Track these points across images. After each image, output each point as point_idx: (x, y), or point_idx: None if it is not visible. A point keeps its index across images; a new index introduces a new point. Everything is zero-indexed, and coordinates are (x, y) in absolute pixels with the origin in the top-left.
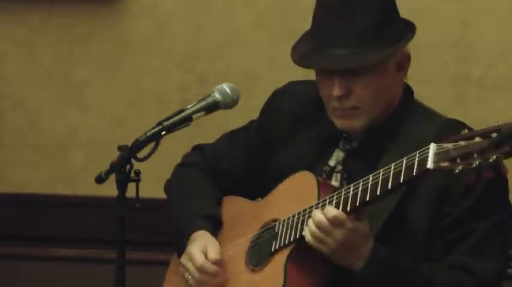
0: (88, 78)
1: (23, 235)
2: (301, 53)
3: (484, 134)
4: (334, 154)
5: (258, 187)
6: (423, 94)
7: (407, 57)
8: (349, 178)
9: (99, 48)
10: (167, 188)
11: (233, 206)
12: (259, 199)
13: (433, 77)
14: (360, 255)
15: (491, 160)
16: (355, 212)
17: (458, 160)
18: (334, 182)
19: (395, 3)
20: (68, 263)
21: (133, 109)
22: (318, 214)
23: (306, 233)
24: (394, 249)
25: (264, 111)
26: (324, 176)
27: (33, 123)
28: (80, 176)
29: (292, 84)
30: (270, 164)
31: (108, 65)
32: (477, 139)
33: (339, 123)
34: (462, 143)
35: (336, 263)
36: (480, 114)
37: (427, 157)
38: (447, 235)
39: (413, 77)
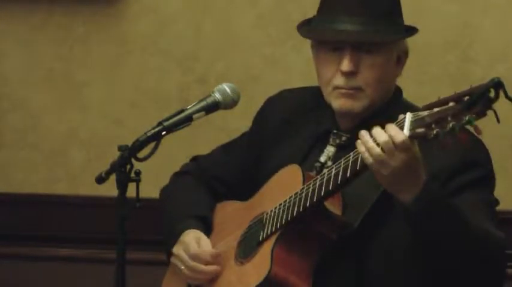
0: (88, 78)
1: (23, 235)
2: (309, 28)
3: (457, 98)
4: (325, 150)
5: (250, 193)
6: (423, 94)
7: (406, 53)
8: None
9: (99, 48)
10: (162, 194)
11: (224, 210)
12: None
13: (433, 77)
14: (415, 182)
15: (463, 121)
16: None
17: (433, 125)
18: None
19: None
20: (68, 263)
21: (134, 109)
22: (382, 134)
23: (366, 155)
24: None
25: (256, 119)
26: (314, 172)
27: (34, 123)
28: (80, 176)
29: (284, 92)
30: (261, 168)
31: (108, 65)
32: (451, 104)
33: (338, 103)
34: (436, 109)
35: (387, 189)
36: None
37: (403, 125)
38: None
39: (413, 77)
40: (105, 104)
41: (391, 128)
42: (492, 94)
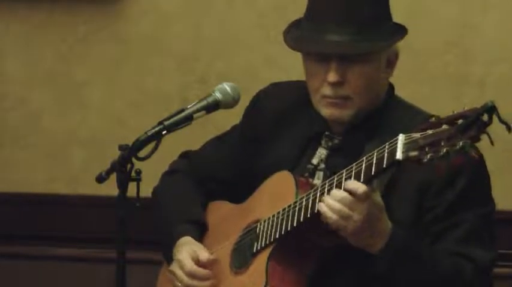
0: (88, 78)
1: (23, 235)
2: (297, 37)
3: (451, 121)
4: (317, 152)
5: (244, 189)
6: (423, 94)
7: (396, 55)
8: (331, 175)
9: (100, 48)
10: (154, 195)
11: (218, 211)
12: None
13: (432, 77)
14: (381, 230)
15: (457, 147)
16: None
17: (427, 149)
18: (317, 180)
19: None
20: (67, 263)
21: (134, 109)
22: (339, 192)
23: (328, 213)
24: None
25: (247, 114)
26: (306, 174)
27: (34, 122)
28: (80, 175)
29: (274, 86)
30: (255, 166)
31: (108, 65)
32: (444, 127)
33: (327, 112)
34: (430, 131)
35: (356, 244)
36: None
37: (396, 147)
38: (434, 227)
39: (412, 77)
40: (105, 104)
41: (349, 183)
42: (485, 118)
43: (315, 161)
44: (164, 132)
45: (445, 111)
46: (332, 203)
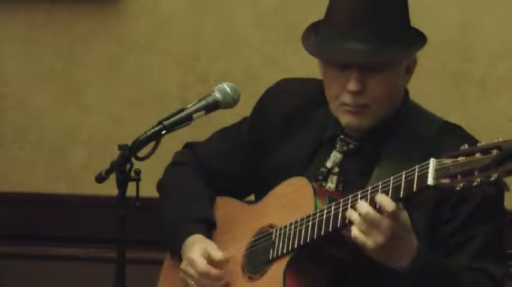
0: (88, 77)
1: (23, 234)
2: (316, 43)
3: (485, 150)
4: (331, 155)
5: (250, 185)
6: (423, 93)
7: (415, 62)
8: (345, 180)
9: (100, 48)
10: (159, 188)
11: (226, 208)
12: (250, 201)
13: (433, 76)
14: (405, 249)
15: (492, 178)
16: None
17: (459, 177)
18: (330, 184)
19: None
20: (68, 263)
21: (134, 108)
22: (364, 205)
23: (353, 228)
24: None
25: (257, 110)
26: (320, 177)
27: (34, 122)
28: (80, 175)
29: (284, 83)
30: (264, 163)
31: (108, 65)
32: (477, 155)
33: (345, 119)
34: (462, 159)
35: (379, 261)
36: (480, 114)
37: (427, 172)
38: (449, 240)
39: (413, 76)
40: (105, 104)
41: (380, 196)
42: None
43: (328, 164)
44: (164, 132)
45: (445, 111)
46: (355, 217)
